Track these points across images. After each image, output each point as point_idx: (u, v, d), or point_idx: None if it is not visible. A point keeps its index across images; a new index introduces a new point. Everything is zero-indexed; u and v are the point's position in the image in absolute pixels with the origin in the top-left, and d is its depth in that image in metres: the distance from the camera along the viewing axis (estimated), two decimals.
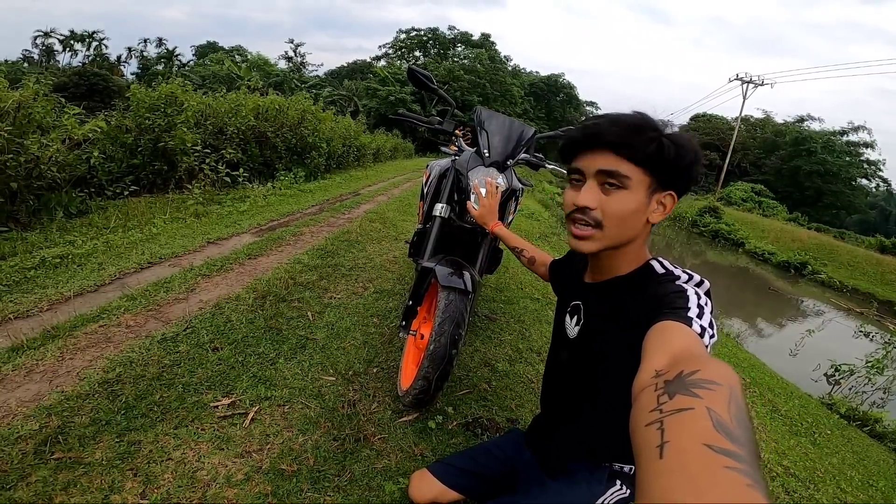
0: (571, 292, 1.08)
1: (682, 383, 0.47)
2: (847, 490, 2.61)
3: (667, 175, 0.83)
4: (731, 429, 0.39)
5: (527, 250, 1.50)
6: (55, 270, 2.78)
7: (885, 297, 14.56)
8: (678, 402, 0.44)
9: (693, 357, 0.54)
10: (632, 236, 0.87)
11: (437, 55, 45.39)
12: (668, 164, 0.81)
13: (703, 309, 0.72)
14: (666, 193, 0.85)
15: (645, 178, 0.83)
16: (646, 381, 0.53)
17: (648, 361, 0.58)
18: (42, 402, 1.62)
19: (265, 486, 1.42)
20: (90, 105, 10.70)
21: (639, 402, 0.50)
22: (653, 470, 0.38)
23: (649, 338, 0.66)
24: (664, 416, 0.43)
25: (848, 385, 5.94)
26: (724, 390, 0.43)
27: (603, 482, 1.03)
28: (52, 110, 4.28)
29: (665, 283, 0.80)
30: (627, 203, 0.83)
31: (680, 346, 0.61)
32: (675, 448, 0.39)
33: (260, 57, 32.10)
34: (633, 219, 0.85)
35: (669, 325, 0.67)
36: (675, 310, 0.71)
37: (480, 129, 1.91)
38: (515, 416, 2.05)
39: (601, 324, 0.93)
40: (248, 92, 8.10)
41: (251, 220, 4.63)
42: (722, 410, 0.41)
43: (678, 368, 0.50)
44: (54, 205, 3.96)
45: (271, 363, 2.08)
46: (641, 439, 0.43)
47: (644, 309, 0.76)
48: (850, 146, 36.19)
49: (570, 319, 1.04)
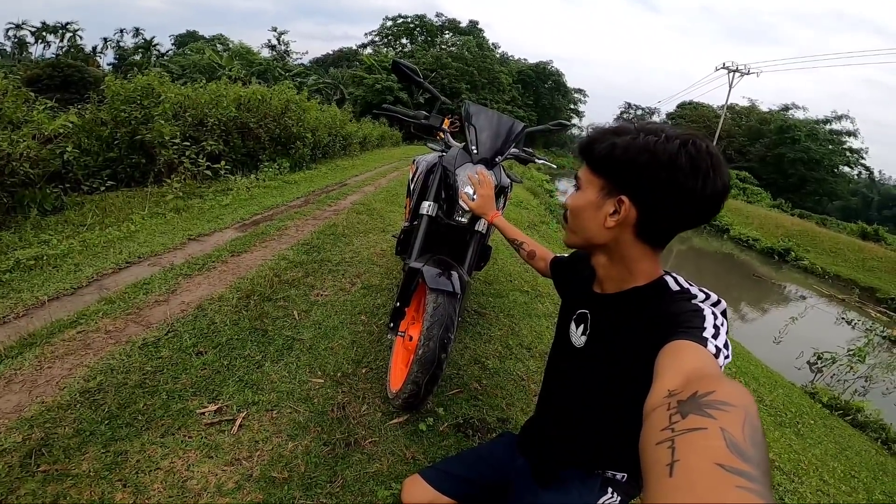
0: (578, 300, 1.06)
1: (695, 403, 0.46)
2: (830, 482, 2.64)
3: (617, 177, 0.83)
4: (744, 449, 0.38)
5: (526, 243, 1.47)
6: (30, 273, 2.68)
7: (866, 283, 14.82)
8: (691, 422, 0.43)
9: (708, 377, 0.53)
10: (592, 236, 0.89)
11: (425, 42, 44.85)
12: (615, 165, 0.82)
13: (719, 329, 0.70)
14: (618, 197, 0.83)
15: (595, 179, 0.87)
16: (658, 401, 0.52)
17: (661, 381, 0.57)
18: (23, 414, 1.58)
19: (257, 495, 1.40)
20: (65, 97, 10.41)
21: (650, 421, 0.49)
22: (662, 488, 0.38)
23: (662, 356, 0.65)
24: (676, 436, 0.42)
25: (830, 373, 6.07)
26: (740, 412, 0.43)
27: (595, 491, 1.02)
28: (23, 104, 4.13)
29: (680, 302, 0.79)
30: (577, 200, 0.91)
31: (694, 367, 0.59)
32: (685, 467, 0.38)
33: (242, 46, 31.36)
34: (585, 217, 0.89)
35: (684, 345, 0.66)
36: (689, 329, 0.69)
37: (468, 125, 1.86)
38: (506, 416, 2.04)
39: (609, 336, 0.92)
40: (229, 82, 7.91)
41: (234, 215, 4.52)
42: (736, 431, 0.40)
43: (692, 389, 0.49)
44: (28, 202, 3.84)
45: (258, 366, 2.04)
46: (651, 458, 0.42)
47: (657, 326, 0.75)
48: (833, 135, 36.71)
49: (577, 328, 1.03)
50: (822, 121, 37.43)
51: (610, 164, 0.83)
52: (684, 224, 0.82)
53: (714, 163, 0.76)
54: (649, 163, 0.77)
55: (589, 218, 0.88)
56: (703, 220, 0.81)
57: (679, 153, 0.75)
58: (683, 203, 0.78)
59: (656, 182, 0.77)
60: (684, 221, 0.81)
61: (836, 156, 35.94)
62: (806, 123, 36.71)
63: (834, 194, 37.41)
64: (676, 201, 0.78)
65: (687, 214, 0.80)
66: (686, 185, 0.75)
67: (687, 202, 0.77)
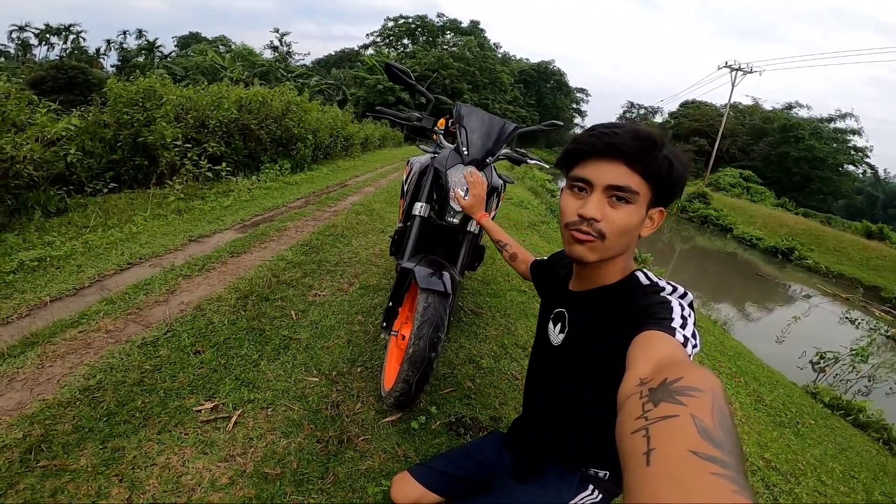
0: (555, 299, 1.08)
1: (666, 391, 0.47)
2: (828, 483, 2.62)
3: (665, 192, 0.85)
4: (715, 435, 0.40)
5: (510, 245, 1.50)
6: (33, 274, 2.72)
7: (870, 282, 14.78)
8: (663, 410, 0.45)
9: (676, 364, 0.55)
10: (625, 249, 0.88)
11: (426, 43, 44.86)
12: (671, 182, 0.83)
13: (687, 320, 0.74)
14: (657, 209, 0.87)
15: (649, 193, 0.83)
16: (630, 389, 0.54)
17: (633, 370, 0.59)
18: (25, 411, 1.61)
19: (249, 490, 1.43)
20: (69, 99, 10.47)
21: (624, 410, 0.50)
22: (640, 477, 0.39)
23: (633, 347, 0.68)
24: (650, 424, 0.44)
25: (833, 373, 6.03)
26: (708, 397, 0.44)
27: (573, 487, 1.04)
28: (27, 107, 4.18)
29: (650, 295, 0.82)
30: (632, 218, 0.83)
31: (663, 355, 0.62)
32: (661, 455, 0.39)
33: (244, 47, 31.47)
34: (633, 233, 0.85)
35: (653, 335, 0.69)
36: (658, 320, 0.73)
37: (459, 127, 1.88)
38: (499, 415, 2.06)
39: (585, 333, 0.94)
40: (230, 84, 7.96)
41: (235, 216, 4.56)
42: (706, 417, 0.42)
43: (662, 376, 0.51)
44: (32, 204, 3.88)
45: (254, 365, 2.07)
46: (628, 447, 0.44)
47: (628, 319, 0.78)
48: (837, 133, 36.44)
49: (554, 327, 1.05)
50: (826, 119, 37.19)
51: (667, 180, 0.83)
52: None
53: None
54: (687, 178, 0.85)
55: (636, 234, 0.87)
56: None
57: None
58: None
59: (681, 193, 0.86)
60: None
61: (840, 154, 35.68)
62: (810, 122, 36.49)
63: (839, 193, 37.16)
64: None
65: None
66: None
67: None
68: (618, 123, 0.85)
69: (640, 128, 0.83)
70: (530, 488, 1.06)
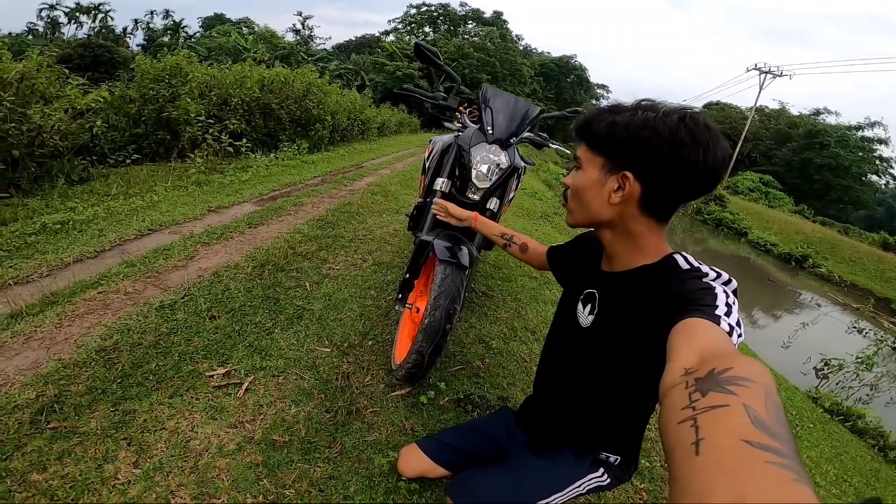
0: (585, 279, 1.05)
1: (714, 380, 0.45)
2: (821, 485, 2.62)
3: (619, 154, 0.84)
4: (769, 425, 0.38)
5: (516, 236, 1.45)
6: (55, 236, 2.78)
7: (882, 293, 14.53)
8: (712, 399, 0.43)
9: (724, 355, 0.52)
10: (596, 213, 0.90)
11: (447, 31, 44.49)
12: (617, 142, 0.83)
13: (731, 307, 0.70)
14: (622, 173, 0.84)
15: (595, 157, 0.88)
16: (675, 379, 0.51)
17: (677, 359, 0.57)
18: (39, 371, 1.62)
19: (256, 457, 1.45)
20: (95, 76, 10.61)
21: (668, 400, 0.49)
22: (689, 467, 0.37)
23: (675, 334, 0.65)
24: (698, 414, 0.42)
25: (836, 380, 5.99)
26: (760, 387, 0.42)
27: (585, 467, 1.05)
28: (56, 81, 4.27)
29: (691, 280, 0.78)
30: (579, 179, 0.92)
31: (708, 344, 0.59)
32: (711, 444, 0.37)
33: (267, 29, 31.46)
34: (588, 195, 0.90)
35: (697, 323, 0.65)
36: (702, 307, 0.69)
37: (485, 107, 1.89)
38: (507, 395, 2.08)
39: (619, 315, 0.91)
40: (253, 64, 8.01)
41: (253, 190, 4.62)
42: (759, 407, 0.40)
43: (709, 366, 0.48)
44: (56, 172, 3.96)
45: (267, 333, 2.10)
46: (674, 437, 0.42)
47: (668, 304, 0.74)
48: (864, 142, 35.49)
49: (584, 308, 1.02)
50: (854, 127, 36.19)
51: (611, 141, 0.84)
52: (688, 196, 0.84)
53: (712, 136, 0.78)
54: (650, 138, 0.78)
55: (592, 196, 0.89)
56: (705, 191, 0.83)
57: (678, 127, 0.77)
58: (686, 176, 0.79)
59: (659, 156, 0.79)
60: (688, 193, 0.83)
61: (865, 163, 34.83)
62: (837, 129, 35.52)
63: (859, 203, 36.36)
64: (679, 174, 0.79)
65: (690, 186, 0.81)
66: (688, 158, 0.77)
67: (690, 174, 0.79)
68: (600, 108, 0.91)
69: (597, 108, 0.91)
70: (544, 462, 1.07)
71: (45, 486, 1.23)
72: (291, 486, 1.38)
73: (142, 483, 1.29)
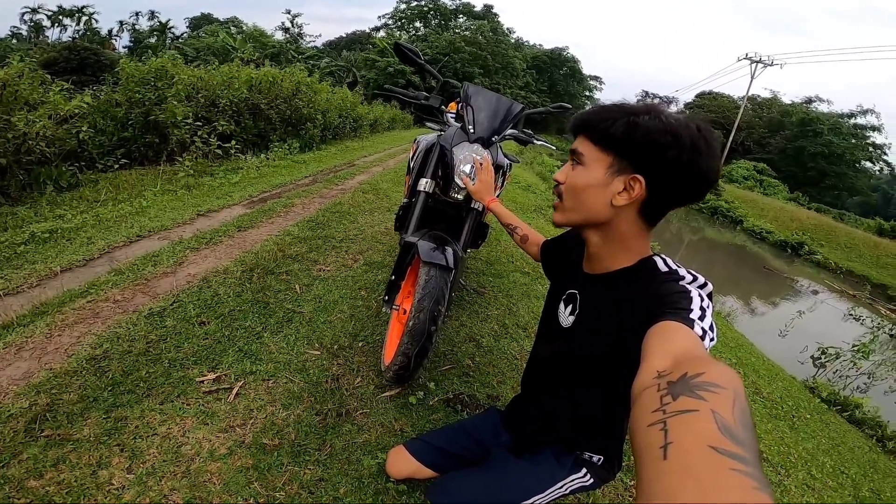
0: (567, 280, 1.06)
1: (686, 385, 0.46)
2: (817, 477, 2.61)
3: (634, 157, 0.82)
4: (735, 432, 0.39)
5: (520, 227, 1.48)
6: (44, 245, 2.78)
7: (878, 280, 14.65)
8: (682, 404, 0.43)
9: (697, 359, 0.53)
10: (594, 214, 0.88)
11: (438, 26, 44.30)
12: (635, 145, 0.81)
13: (706, 311, 0.71)
14: (632, 176, 0.82)
15: (604, 157, 0.85)
16: (647, 382, 0.52)
17: (650, 362, 0.58)
18: (31, 380, 1.63)
19: (247, 460, 1.46)
20: (81, 79, 10.56)
21: (640, 403, 0.49)
22: (656, 470, 0.38)
23: (650, 337, 0.66)
24: (668, 417, 0.43)
25: (833, 369, 6.01)
26: (729, 394, 0.43)
27: (567, 468, 1.06)
28: (40, 86, 4.24)
29: (668, 283, 0.79)
30: (580, 178, 0.88)
31: (682, 348, 0.60)
32: (679, 449, 0.38)
33: (256, 28, 31.35)
34: (589, 195, 0.87)
35: (671, 326, 0.66)
36: (677, 310, 0.70)
37: (466, 105, 1.89)
38: (497, 393, 2.09)
39: (598, 316, 0.92)
40: (241, 64, 7.97)
41: (243, 192, 4.60)
42: (727, 413, 0.41)
43: (682, 370, 0.49)
44: (44, 179, 3.96)
45: (257, 337, 2.11)
46: (644, 439, 0.43)
47: (644, 306, 0.75)
48: (857, 129, 35.69)
49: (565, 308, 1.03)
50: (846, 115, 36.39)
51: (628, 143, 0.82)
52: (685, 202, 0.85)
53: (718, 148, 0.80)
54: (672, 144, 0.78)
55: (594, 196, 0.87)
56: (699, 200, 0.84)
57: (699, 137, 0.78)
58: (695, 184, 0.80)
59: (678, 163, 0.78)
60: (686, 200, 0.84)
61: (858, 150, 35.02)
62: (829, 117, 35.75)
63: (854, 189, 36.54)
64: (690, 182, 0.80)
65: (692, 194, 0.82)
66: (702, 168, 0.78)
67: (698, 183, 0.80)
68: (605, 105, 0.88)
69: (610, 104, 0.88)
70: (525, 464, 1.08)
71: (42, 493, 1.24)
72: (282, 488, 1.39)
73: (136, 488, 1.31)
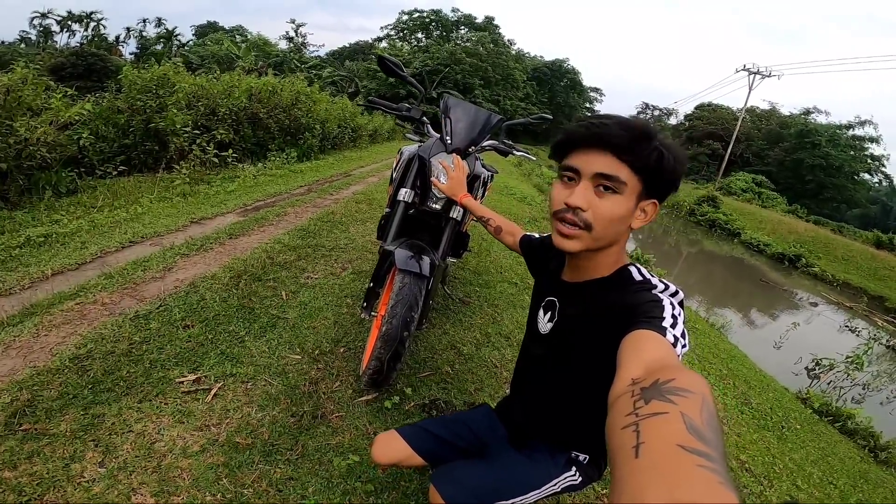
0: (548, 287, 1.09)
1: (657, 390, 0.49)
2: (803, 488, 2.60)
3: (657, 184, 0.84)
4: (703, 432, 0.41)
5: (493, 219, 1.50)
6: (39, 249, 2.84)
7: (876, 292, 14.65)
8: (654, 407, 0.46)
9: (668, 367, 0.56)
10: (614, 240, 0.88)
11: (440, 37, 44.78)
12: (662, 174, 0.82)
13: (677, 319, 0.74)
14: (650, 202, 0.85)
15: (638, 185, 0.83)
16: (622, 389, 0.54)
17: (625, 370, 0.60)
18: (15, 377, 1.70)
19: (219, 458, 1.50)
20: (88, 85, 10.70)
21: (615, 408, 0.51)
22: (628, 469, 0.40)
23: (624, 346, 0.68)
24: (640, 420, 0.45)
25: (827, 380, 6.01)
26: (698, 398, 0.46)
27: (560, 466, 1.08)
28: (43, 92, 4.32)
29: (641, 292, 0.82)
30: (619, 208, 0.83)
31: (655, 356, 0.63)
32: (649, 448, 0.40)
33: (260, 37, 31.79)
34: (621, 223, 0.85)
35: (644, 335, 0.69)
36: (650, 319, 0.73)
37: (445, 117, 1.95)
38: (473, 400, 2.13)
39: (574, 324, 0.95)
40: (242, 73, 8.09)
41: (237, 201, 4.68)
42: (695, 415, 0.43)
43: (654, 377, 0.52)
44: (44, 184, 4.02)
45: (240, 341, 2.15)
46: (618, 441, 0.45)
47: (619, 315, 0.78)
48: (855, 140, 35.71)
49: (544, 315, 1.06)
50: (844, 126, 36.38)
51: (659, 173, 0.82)
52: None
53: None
54: (682, 171, 0.84)
55: (624, 224, 0.86)
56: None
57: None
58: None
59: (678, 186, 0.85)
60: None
61: (856, 162, 35.05)
62: (827, 128, 35.79)
63: (853, 201, 36.52)
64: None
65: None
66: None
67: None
68: (608, 115, 0.86)
69: (631, 119, 0.83)
70: (524, 458, 1.10)
71: (15, 483, 1.29)
72: (251, 486, 1.44)
73: (105, 481, 1.35)
